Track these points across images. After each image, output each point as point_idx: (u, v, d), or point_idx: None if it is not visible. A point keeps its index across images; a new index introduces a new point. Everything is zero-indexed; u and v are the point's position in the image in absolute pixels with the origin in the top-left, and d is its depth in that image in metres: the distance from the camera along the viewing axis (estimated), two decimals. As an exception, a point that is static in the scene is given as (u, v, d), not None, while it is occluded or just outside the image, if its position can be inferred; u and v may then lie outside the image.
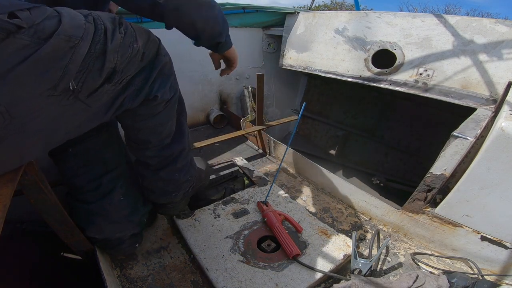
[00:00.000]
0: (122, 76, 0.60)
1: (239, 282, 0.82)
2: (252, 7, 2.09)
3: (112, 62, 0.54)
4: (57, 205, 0.73)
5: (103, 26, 0.53)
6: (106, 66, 0.53)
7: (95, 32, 0.51)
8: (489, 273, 0.89)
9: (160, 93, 0.72)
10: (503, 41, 1.12)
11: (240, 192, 1.21)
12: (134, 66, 0.62)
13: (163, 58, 0.73)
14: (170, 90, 0.77)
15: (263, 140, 1.67)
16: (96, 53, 0.51)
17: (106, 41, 0.52)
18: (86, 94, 0.54)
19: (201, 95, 2.04)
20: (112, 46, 0.53)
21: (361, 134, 2.28)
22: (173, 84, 0.80)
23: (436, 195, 0.98)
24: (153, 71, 0.69)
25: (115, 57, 0.55)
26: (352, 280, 0.78)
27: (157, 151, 0.84)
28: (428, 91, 1.34)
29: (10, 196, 0.51)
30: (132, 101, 0.68)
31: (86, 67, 0.51)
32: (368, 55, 1.55)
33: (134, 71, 0.64)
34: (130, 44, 0.58)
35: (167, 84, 0.75)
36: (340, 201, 1.26)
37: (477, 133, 0.88)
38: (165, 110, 0.78)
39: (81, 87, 0.51)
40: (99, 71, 0.53)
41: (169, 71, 0.77)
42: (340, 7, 15.03)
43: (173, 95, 0.79)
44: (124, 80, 0.61)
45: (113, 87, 0.59)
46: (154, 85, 0.71)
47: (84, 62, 0.50)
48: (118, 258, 0.93)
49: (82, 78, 0.51)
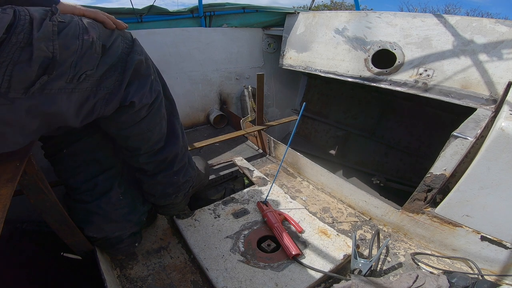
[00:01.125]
0: (78, 71, 0.56)
1: (239, 282, 0.82)
2: (252, 7, 2.09)
3: (45, 51, 0.50)
4: (57, 205, 0.73)
5: (28, 17, 0.49)
6: (36, 55, 0.49)
7: (16, 23, 0.47)
8: (489, 273, 0.89)
9: (137, 98, 0.67)
10: (503, 41, 1.12)
11: (240, 192, 1.21)
12: (92, 59, 0.58)
13: (136, 56, 0.67)
14: (150, 93, 0.72)
15: (263, 140, 1.67)
16: (19, 43, 0.47)
17: (32, 30, 0.49)
18: (21, 89, 0.49)
19: (201, 95, 2.04)
20: (40, 34, 0.49)
21: (361, 134, 2.28)
22: (154, 85, 0.75)
23: (436, 195, 0.98)
24: (126, 71, 0.65)
25: (48, 45, 0.50)
26: (352, 280, 0.78)
27: (150, 157, 0.82)
28: (428, 91, 1.34)
29: (10, 196, 0.51)
30: (105, 107, 0.64)
31: (9, 59, 0.47)
32: (368, 55, 1.55)
33: (98, 68, 0.60)
34: (79, 35, 0.55)
35: (145, 86, 0.70)
36: (340, 201, 1.26)
37: (477, 133, 0.88)
38: (149, 115, 0.74)
39: (8, 82, 0.47)
40: (28, 62, 0.48)
41: (146, 71, 0.72)
42: (340, 7, 15.03)
43: (156, 97, 0.75)
44: (84, 76, 0.57)
45: (70, 84, 0.56)
46: (130, 89, 0.67)
47: (3, 53, 0.46)
48: (118, 258, 0.92)
49: (6, 72, 0.47)
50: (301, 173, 1.45)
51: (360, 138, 2.29)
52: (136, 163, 0.83)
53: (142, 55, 0.70)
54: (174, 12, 1.88)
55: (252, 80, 2.18)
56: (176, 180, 0.89)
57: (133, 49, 0.68)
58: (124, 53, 0.66)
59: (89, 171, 0.80)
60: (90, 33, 0.57)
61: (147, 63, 0.72)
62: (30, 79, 0.50)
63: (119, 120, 0.70)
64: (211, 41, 1.95)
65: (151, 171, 0.85)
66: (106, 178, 0.82)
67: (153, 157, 0.82)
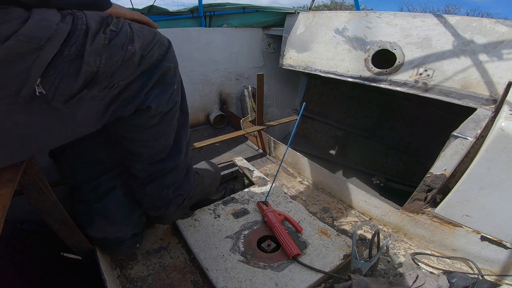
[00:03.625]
0: (112, 81, 0.55)
1: (239, 282, 0.82)
2: (252, 7, 2.09)
3: (93, 66, 0.49)
4: (57, 205, 0.73)
5: (85, 26, 0.48)
6: (84, 70, 0.48)
7: (71, 33, 0.46)
8: (489, 273, 0.89)
9: (154, 104, 0.66)
10: (503, 41, 1.12)
11: (240, 192, 1.21)
12: (129, 70, 0.57)
13: (166, 64, 0.66)
14: (168, 102, 0.70)
15: (263, 140, 1.67)
16: (71, 55, 0.46)
17: (85, 43, 0.48)
18: (62, 100, 0.49)
19: (201, 95, 2.04)
20: (92, 48, 0.48)
21: (361, 134, 2.28)
22: (174, 95, 0.73)
23: (436, 195, 0.98)
24: (152, 77, 0.64)
25: (96, 60, 0.50)
26: (352, 280, 0.78)
27: (148, 165, 0.79)
28: (428, 91, 1.34)
29: (10, 196, 0.51)
30: (123, 108, 0.63)
31: (59, 71, 0.46)
32: (368, 55, 1.55)
33: (131, 76, 0.59)
34: (124, 45, 0.54)
35: (166, 94, 0.69)
36: (340, 201, 1.26)
37: (477, 133, 0.88)
38: (160, 123, 0.71)
39: (53, 93, 0.47)
40: (75, 75, 0.48)
41: (171, 79, 0.70)
42: (340, 7, 15.03)
43: (172, 107, 0.72)
44: (116, 85, 0.57)
45: (102, 92, 0.55)
46: (150, 94, 0.65)
47: (54, 65, 0.45)
48: (118, 258, 0.92)
49: (54, 83, 0.46)
50: (301, 173, 1.45)
51: (360, 138, 2.29)
52: (132, 167, 0.81)
53: (172, 63, 0.69)
54: (174, 12, 1.88)
55: (252, 80, 2.18)
56: (165, 194, 0.85)
57: (166, 56, 0.67)
58: (158, 60, 0.65)
59: (92, 171, 0.80)
60: (134, 43, 0.56)
61: (174, 72, 0.71)
62: (73, 92, 0.50)
63: (131, 123, 0.68)
64: (211, 41, 1.95)
65: (143, 179, 0.82)
66: (109, 179, 0.82)
67: (150, 166, 0.79)
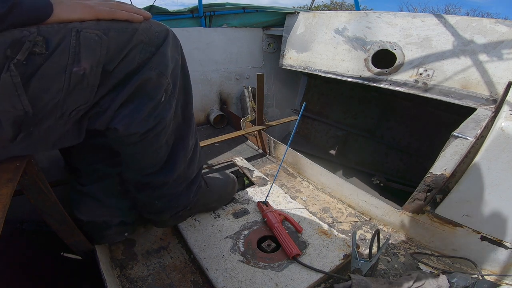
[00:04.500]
0: (66, 109, 0.47)
1: (239, 282, 0.82)
2: (252, 7, 2.09)
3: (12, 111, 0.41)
4: (57, 205, 0.73)
5: None
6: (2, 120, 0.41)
7: None
8: (489, 273, 0.89)
9: (121, 126, 0.54)
10: (503, 41, 1.12)
11: (240, 192, 1.21)
12: (84, 95, 0.48)
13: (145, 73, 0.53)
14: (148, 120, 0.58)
15: (263, 140, 1.67)
16: None
17: None
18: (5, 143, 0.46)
19: (201, 95, 2.04)
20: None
21: (361, 134, 2.28)
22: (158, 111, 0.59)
23: (436, 195, 0.98)
24: (123, 90, 0.52)
25: (16, 102, 0.40)
26: (352, 280, 0.78)
27: (137, 175, 0.75)
28: (428, 91, 1.34)
29: (10, 196, 0.51)
30: (94, 124, 0.55)
31: None
32: (368, 55, 1.55)
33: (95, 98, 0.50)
34: (66, 68, 0.43)
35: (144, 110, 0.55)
36: (340, 201, 1.26)
37: (477, 133, 0.88)
38: (142, 142, 0.61)
39: None
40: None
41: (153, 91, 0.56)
42: (340, 7, 15.04)
43: (155, 125, 0.60)
44: (74, 112, 0.49)
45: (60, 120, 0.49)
46: (119, 113, 0.54)
47: None
48: (118, 258, 0.92)
49: None
50: (301, 173, 1.45)
51: (360, 138, 2.29)
52: (123, 173, 0.79)
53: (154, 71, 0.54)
54: (174, 12, 1.88)
55: (252, 80, 2.18)
56: (157, 204, 0.83)
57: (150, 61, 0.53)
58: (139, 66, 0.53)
59: (92, 157, 0.79)
60: (81, 63, 0.44)
61: (158, 82, 0.56)
62: (8, 138, 0.45)
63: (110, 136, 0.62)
64: (211, 41, 1.95)
65: (133, 186, 0.80)
66: (107, 166, 0.81)
67: (140, 177, 0.75)
